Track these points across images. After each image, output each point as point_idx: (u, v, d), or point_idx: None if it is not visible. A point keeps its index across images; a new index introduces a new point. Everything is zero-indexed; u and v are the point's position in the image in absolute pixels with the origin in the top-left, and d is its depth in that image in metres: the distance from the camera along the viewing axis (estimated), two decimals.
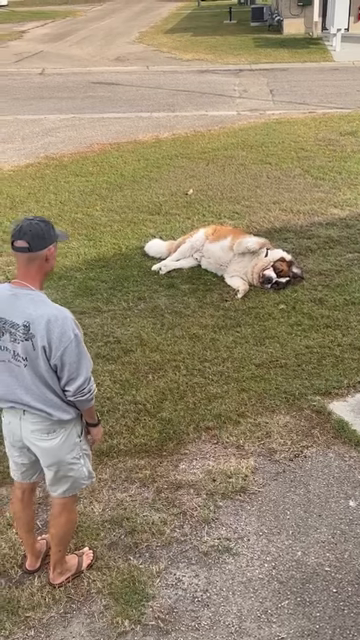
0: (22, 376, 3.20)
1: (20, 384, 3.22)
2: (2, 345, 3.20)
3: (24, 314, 3.12)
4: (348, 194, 9.39)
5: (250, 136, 12.42)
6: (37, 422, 3.28)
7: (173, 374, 5.45)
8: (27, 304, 3.14)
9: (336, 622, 3.44)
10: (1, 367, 3.24)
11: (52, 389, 3.21)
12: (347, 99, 15.52)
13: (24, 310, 3.13)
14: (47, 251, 3.20)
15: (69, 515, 3.58)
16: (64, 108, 15.50)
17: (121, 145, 12.19)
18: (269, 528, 4.01)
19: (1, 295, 3.20)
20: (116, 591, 3.62)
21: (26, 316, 3.12)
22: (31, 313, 3.12)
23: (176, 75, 19.69)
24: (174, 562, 3.80)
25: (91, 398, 3.29)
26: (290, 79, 18.22)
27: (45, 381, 3.19)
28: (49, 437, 3.31)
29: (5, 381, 3.25)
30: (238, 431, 4.79)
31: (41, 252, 3.18)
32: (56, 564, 3.64)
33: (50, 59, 23.19)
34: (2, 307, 3.17)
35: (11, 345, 3.17)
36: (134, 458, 4.56)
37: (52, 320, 3.10)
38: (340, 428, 4.78)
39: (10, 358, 3.20)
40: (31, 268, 3.19)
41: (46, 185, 10.16)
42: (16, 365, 3.20)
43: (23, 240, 3.13)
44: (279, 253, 6.91)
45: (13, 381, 3.23)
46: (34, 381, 3.19)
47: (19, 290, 3.18)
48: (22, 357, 3.16)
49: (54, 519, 3.59)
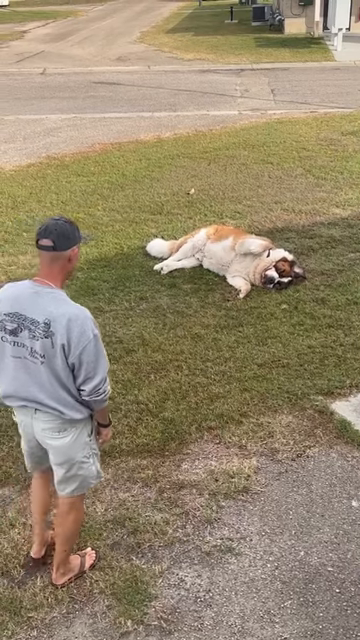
0: (38, 373, 3.21)
1: (35, 381, 3.23)
2: (20, 342, 3.21)
3: (45, 312, 3.14)
4: (350, 194, 9.39)
5: (252, 136, 12.41)
6: (49, 421, 3.31)
7: (175, 374, 5.44)
8: (49, 302, 3.17)
9: (339, 622, 3.44)
10: (17, 364, 3.25)
11: (66, 388, 3.23)
12: (348, 99, 15.51)
13: (45, 308, 3.15)
14: (71, 252, 3.22)
15: (77, 514, 3.60)
16: (65, 108, 15.50)
17: (123, 145, 12.18)
18: (272, 528, 4.01)
19: (22, 292, 3.23)
20: (119, 591, 3.62)
21: (47, 314, 3.14)
22: (52, 311, 3.14)
23: (177, 75, 19.68)
24: (176, 562, 3.80)
25: (106, 398, 3.32)
26: (291, 79, 18.21)
27: (60, 380, 3.21)
28: (60, 435, 3.33)
29: (20, 378, 3.26)
30: (240, 431, 4.78)
31: (65, 252, 3.20)
32: (60, 564, 3.64)
33: (51, 59, 23.20)
34: (23, 304, 3.20)
35: (29, 342, 3.18)
36: (136, 458, 4.56)
37: (73, 319, 3.13)
38: (343, 428, 4.78)
39: (27, 355, 3.21)
40: (54, 267, 3.21)
41: (48, 185, 10.16)
42: (32, 362, 3.21)
43: (48, 239, 3.16)
44: (281, 253, 6.90)
45: (28, 378, 3.24)
46: (49, 379, 3.21)
47: (41, 288, 3.20)
48: (40, 354, 3.17)
49: (61, 518, 3.59)
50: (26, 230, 8.48)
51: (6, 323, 3.22)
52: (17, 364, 3.25)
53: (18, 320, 3.19)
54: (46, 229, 3.18)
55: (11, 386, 3.30)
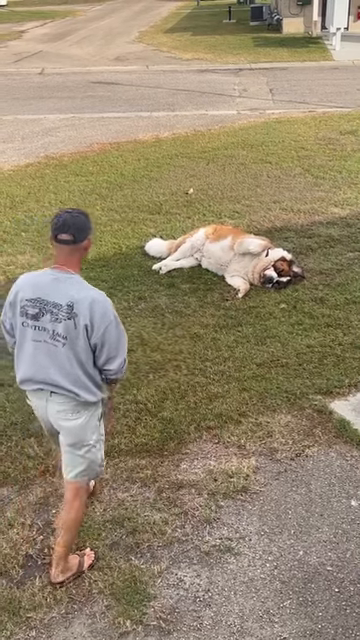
0: (58, 356, 3.37)
1: (55, 364, 3.38)
2: (41, 326, 3.37)
3: (68, 295, 3.34)
4: (348, 193, 9.38)
5: (250, 135, 12.41)
6: (64, 403, 3.46)
7: (174, 373, 5.44)
8: (70, 286, 3.37)
9: (338, 622, 3.44)
10: (37, 347, 3.41)
11: (85, 370, 3.40)
12: (347, 98, 15.51)
13: (67, 292, 3.35)
14: (87, 241, 3.44)
15: (81, 501, 3.69)
16: (64, 108, 15.49)
17: (121, 145, 12.18)
18: (271, 528, 4.00)
19: (43, 279, 3.43)
20: (118, 591, 3.61)
21: (70, 297, 3.33)
22: (74, 294, 3.34)
23: (176, 74, 19.67)
24: (175, 562, 3.79)
25: (122, 377, 3.63)
26: (290, 78, 18.21)
27: (80, 361, 3.38)
28: (73, 417, 3.49)
29: (39, 361, 3.41)
30: (239, 430, 4.78)
31: (83, 243, 3.42)
32: (59, 560, 3.64)
33: (50, 59, 23.18)
34: (45, 290, 3.38)
35: (51, 325, 3.35)
36: (135, 458, 4.55)
37: (95, 301, 3.35)
38: (342, 427, 4.77)
39: (47, 338, 3.38)
40: (73, 257, 3.43)
41: (46, 185, 10.15)
42: (53, 345, 3.37)
43: (68, 234, 3.36)
44: (280, 252, 6.90)
45: (48, 361, 3.39)
46: (70, 361, 3.37)
47: (61, 274, 3.40)
48: (62, 336, 3.34)
49: (68, 504, 3.67)
50: (24, 230, 8.47)
51: (28, 308, 3.39)
52: (37, 348, 3.40)
53: (40, 305, 3.37)
54: (64, 224, 3.36)
55: (30, 370, 3.45)
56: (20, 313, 3.42)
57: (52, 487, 4.33)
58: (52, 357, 3.38)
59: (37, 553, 3.88)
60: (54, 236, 3.40)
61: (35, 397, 3.56)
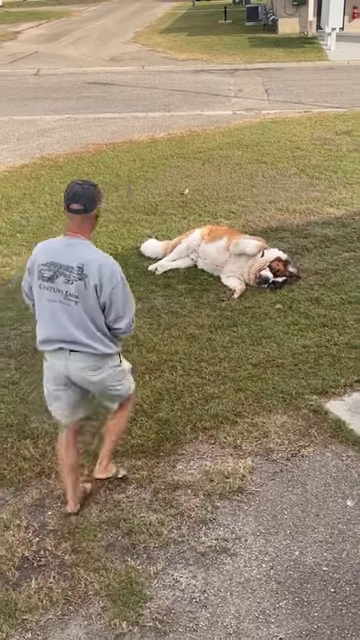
0: (73, 313, 3.70)
1: (70, 321, 3.71)
2: (55, 287, 3.70)
3: (79, 258, 3.67)
4: (344, 193, 9.39)
5: (246, 135, 12.42)
6: (84, 359, 3.78)
7: (170, 374, 5.44)
8: (81, 250, 3.71)
9: (334, 622, 3.44)
10: (53, 307, 3.73)
11: (97, 325, 3.74)
12: (342, 98, 15.52)
13: (79, 255, 3.68)
14: (96, 210, 3.76)
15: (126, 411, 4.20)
16: (59, 109, 15.48)
17: (117, 145, 12.17)
18: (267, 528, 4.01)
19: (57, 245, 3.79)
20: (114, 593, 3.61)
21: (80, 259, 3.66)
22: (85, 257, 3.68)
23: (171, 75, 19.67)
24: (172, 563, 3.79)
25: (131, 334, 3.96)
26: (285, 78, 18.22)
27: (92, 317, 3.71)
28: (97, 373, 3.83)
29: (57, 320, 3.74)
30: (235, 431, 4.78)
31: (92, 212, 3.73)
32: (104, 458, 4.16)
33: (45, 59, 23.16)
34: (58, 254, 3.72)
35: (64, 286, 3.68)
36: (131, 459, 4.55)
37: (103, 264, 3.68)
38: (337, 427, 4.78)
39: (61, 299, 3.70)
40: (84, 225, 3.74)
41: (41, 186, 10.15)
42: (67, 304, 3.70)
43: (78, 204, 3.68)
44: (275, 253, 6.90)
45: (64, 319, 3.72)
46: (83, 318, 3.70)
47: (73, 240, 3.74)
48: (74, 295, 3.67)
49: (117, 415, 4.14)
50: (20, 231, 8.46)
51: (44, 272, 3.73)
52: (54, 308, 3.73)
53: (54, 268, 3.70)
54: (75, 194, 3.68)
55: (49, 329, 3.78)
56: (37, 277, 3.75)
57: (48, 489, 4.33)
58: (68, 315, 3.70)
59: (33, 555, 3.88)
60: (67, 206, 3.70)
61: (55, 358, 3.84)
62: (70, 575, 3.74)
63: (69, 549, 3.88)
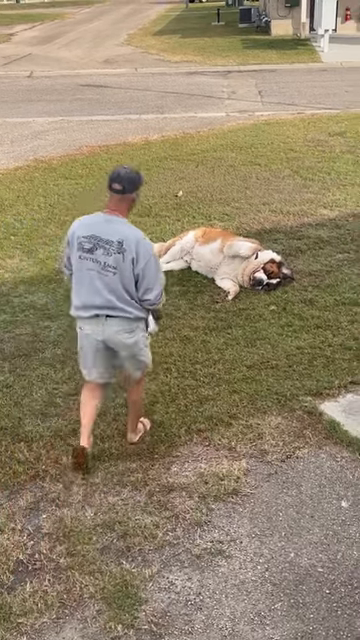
0: (109, 282, 4.12)
1: (107, 288, 4.13)
2: (95, 258, 4.12)
3: (119, 233, 4.09)
4: (337, 195, 9.41)
5: (239, 137, 12.43)
6: (119, 323, 4.21)
7: (164, 377, 5.44)
8: (120, 227, 4.13)
9: (330, 623, 3.44)
10: (92, 276, 4.14)
11: (131, 294, 4.17)
12: (335, 100, 15.56)
13: (118, 230, 4.10)
14: (134, 195, 4.18)
15: (142, 385, 4.69)
16: (53, 111, 15.48)
17: (110, 147, 12.17)
18: (262, 530, 4.01)
19: (97, 220, 4.19)
20: (109, 596, 3.61)
21: (120, 235, 4.08)
22: (125, 233, 4.10)
23: (165, 77, 19.70)
24: (167, 565, 3.79)
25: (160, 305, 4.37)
26: (278, 80, 18.26)
27: (126, 287, 4.14)
28: (131, 335, 4.26)
29: (94, 288, 4.15)
30: (230, 433, 4.78)
31: (131, 194, 4.16)
32: (134, 427, 4.63)
33: (38, 62, 23.16)
34: (98, 228, 4.13)
35: (103, 258, 4.10)
36: (126, 461, 4.54)
37: (140, 240, 4.12)
38: (332, 428, 4.78)
39: (100, 269, 4.11)
40: (122, 204, 4.17)
41: (35, 188, 10.14)
42: (105, 274, 4.12)
43: (119, 184, 4.11)
44: (269, 254, 6.91)
45: (101, 287, 4.13)
46: (118, 287, 4.13)
47: (112, 217, 4.15)
48: (112, 267, 4.09)
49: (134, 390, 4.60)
50: (14, 234, 8.45)
51: (84, 244, 4.13)
52: (91, 277, 4.14)
53: (94, 241, 4.11)
54: (118, 176, 4.12)
55: (86, 296, 4.19)
56: (77, 248, 4.15)
57: (42, 492, 4.32)
58: (105, 284, 4.12)
59: (28, 558, 3.87)
60: (109, 185, 4.14)
61: (91, 324, 4.25)
62: (65, 578, 3.73)
63: (64, 552, 3.87)
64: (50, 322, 6.35)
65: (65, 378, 5.48)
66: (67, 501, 4.24)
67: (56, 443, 4.72)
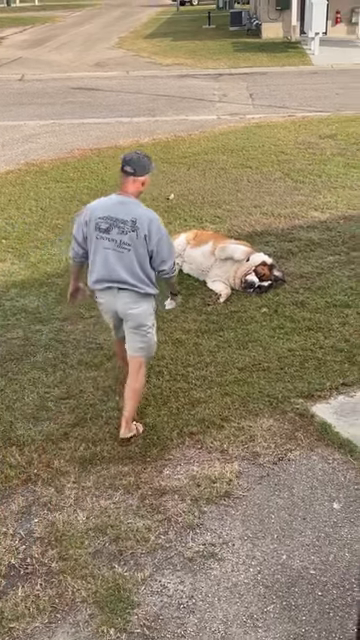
0: (124, 259, 4.50)
1: (121, 265, 4.51)
2: (111, 237, 4.50)
3: (132, 213, 4.48)
4: (328, 197, 9.44)
5: (230, 140, 12.45)
6: (129, 296, 4.59)
7: (156, 379, 5.44)
8: (133, 207, 4.52)
9: (322, 625, 3.44)
10: (108, 254, 4.52)
11: (143, 270, 4.54)
12: (326, 102, 15.62)
13: (131, 210, 4.49)
14: (144, 178, 4.58)
15: (142, 372, 4.83)
16: (44, 114, 15.46)
17: (102, 150, 12.17)
18: (254, 532, 4.01)
19: (111, 202, 4.60)
20: (101, 599, 3.60)
21: (133, 215, 4.47)
22: (137, 212, 4.49)
23: (156, 80, 19.72)
24: (159, 569, 3.79)
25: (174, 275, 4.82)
26: (269, 83, 18.31)
27: (140, 263, 4.52)
28: (137, 306, 4.62)
29: (110, 264, 4.53)
30: (222, 435, 4.78)
31: (141, 177, 4.56)
32: (128, 420, 4.69)
33: (29, 65, 23.15)
34: (113, 209, 4.52)
35: (118, 236, 4.48)
36: (118, 465, 4.54)
37: (152, 219, 4.52)
38: (323, 430, 4.79)
39: (115, 247, 4.49)
40: (132, 187, 4.56)
41: (26, 192, 10.13)
42: (120, 252, 4.50)
43: (130, 167, 4.51)
44: (260, 257, 6.92)
45: (116, 263, 4.51)
46: (132, 263, 4.50)
47: (124, 198, 4.56)
48: (127, 244, 4.47)
49: (134, 375, 4.77)
50: (5, 237, 8.43)
51: (100, 224, 4.51)
52: (108, 254, 4.52)
53: (110, 221, 4.48)
54: (130, 159, 4.53)
55: (102, 271, 4.57)
56: (94, 228, 4.52)
57: (34, 496, 4.31)
58: (120, 260, 4.50)
59: (20, 563, 3.86)
60: (121, 168, 4.55)
61: (105, 294, 4.67)
62: (57, 582, 3.72)
63: (56, 556, 3.86)
64: (41, 326, 6.34)
65: (57, 382, 5.47)
66: (59, 505, 4.23)
67: (48, 447, 4.71)
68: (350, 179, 10.14)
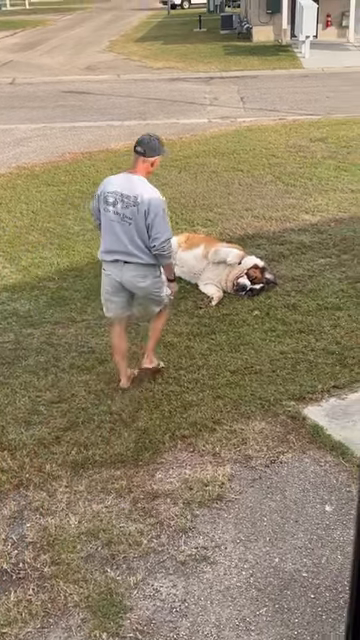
0: (127, 231, 4.91)
1: (125, 236, 4.93)
2: (116, 210, 4.92)
3: (136, 190, 4.87)
4: (319, 200, 9.47)
5: (221, 143, 12.48)
6: (135, 269, 5.00)
7: (148, 383, 5.43)
8: (138, 184, 4.91)
9: (314, 628, 3.45)
10: (113, 225, 4.95)
11: (144, 242, 4.94)
12: (317, 105, 15.67)
13: (136, 187, 4.88)
14: (153, 159, 5.00)
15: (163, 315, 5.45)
16: (35, 118, 15.45)
17: (93, 154, 12.17)
18: (246, 535, 4.01)
19: (120, 178, 5.03)
20: (93, 604, 3.59)
21: (137, 191, 4.86)
22: (140, 189, 4.87)
23: (147, 83, 19.74)
24: (152, 573, 3.78)
25: (168, 257, 5.07)
26: (260, 86, 18.37)
27: (140, 236, 4.91)
28: (144, 280, 5.05)
29: (115, 235, 4.95)
30: (214, 438, 4.78)
31: (151, 158, 4.97)
32: (149, 352, 5.38)
33: (20, 68, 23.13)
34: (120, 185, 4.94)
35: (122, 210, 4.89)
36: (110, 469, 4.53)
37: (152, 196, 4.87)
38: (315, 433, 4.80)
39: (119, 220, 4.91)
40: (141, 166, 4.98)
41: (17, 195, 10.11)
42: (123, 224, 4.91)
43: (141, 147, 4.93)
44: (252, 260, 6.93)
45: (121, 235, 4.93)
46: (134, 235, 4.91)
47: (132, 176, 4.98)
48: (129, 218, 4.88)
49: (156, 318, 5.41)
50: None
51: (108, 198, 4.94)
52: (113, 226, 4.95)
53: (116, 196, 4.91)
54: (142, 141, 4.97)
55: (110, 243, 5.01)
56: (103, 201, 4.97)
57: (26, 500, 4.30)
58: (124, 233, 4.92)
59: (12, 567, 3.84)
60: (134, 147, 4.98)
61: (112, 267, 5.07)
62: (49, 587, 3.71)
63: (48, 561, 3.85)
64: (33, 329, 6.33)
65: (48, 385, 5.46)
66: (51, 509, 4.22)
67: (40, 451, 4.70)
68: (341, 182, 10.18)
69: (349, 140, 12.41)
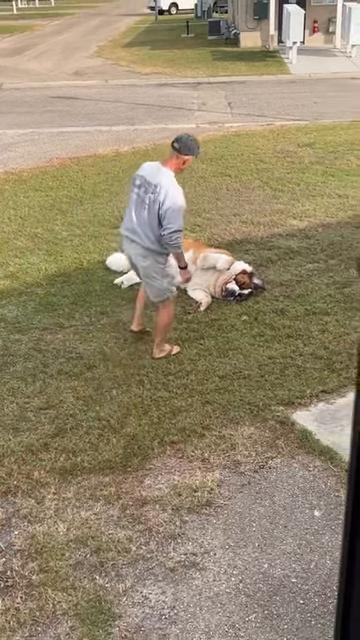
0: (142, 215, 5.37)
1: (139, 218, 5.39)
2: (138, 193, 5.40)
3: (158, 179, 5.31)
4: (307, 205, 9.50)
5: (209, 149, 12.48)
6: (137, 248, 5.48)
7: (137, 389, 5.42)
8: (164, 176, 5.34)
9: (304, 634, 3.44)
10: (132, 206, 5.45)
11: (152, 228, 5.34)
12: (304, 111, 15.73)
13: (160, 178, 5.32)
14: (187, 157, 5.43)
15: (166, 309, 5.73)
16: (23, 123, 15.42)
17: (81, 159, 12.16)
18: (235, 541, 4.01)
19: (152, 166, 5.52)
20: (82, 612, 3.57)
21: (159, 181, 5.30)
22: (162, 181, 5.30)
23: (135, 89, 19.75)
24: (140, 580, 3.77)
25: (176, 246, 5.43)
26: (248, 92, 18.42)
27: (151, 222, 5.33)
28: (144, 260, 5.51)
29: (132, 215, 5.44)
30: (203, 444, 4.78)
31: (184, 156, 5.40)
32: (157, 345, 5.77)
33: (8, 74, 23.08)
34: (149, 172, 5.43)
35: (143, 195, 5.35)
36: (98, 475, 4.51)
37: (171, 189, 5.28)
38: (304, 438, 4.81)
39: (139, 202, 5.37)
40: (173, 161, 5.41)
41: (5, 200, 10.08)
42: (142, 208, 5.37)
43: (177, 144, 5.38)
44: (240, 265, 6.94)
45: (136, 216, 5.41)
46: (146, 219, 5.34)
47: (162, 167, 5.42)
48: (147, 203, 5.32)
49: (159, 312, 5.78)
50: None
51: (136, 180, 5.46)
52: (133, 206, 5.45)
53: (142, 180, 5.41)
54: (180, 138, 5.43)
55: (127, 220, 5.54)
56: (132, 183, 5.50)
57: (14, 508, 4.27)
58: (139, 216, 5.39)
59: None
60: (171, 143, 5.44)
61: (124, 241, 5.64)
62: (38, 595, 3.69)
63: (36, 569, 3.83)
64: (21, 335, 6.30)
65: (36, 392, 5.44)
66: (39, 517, 4.20)
67: (28, 458, 4.67)
68: (328, 187, 10.22)
69: (336, 145, 12.47)
